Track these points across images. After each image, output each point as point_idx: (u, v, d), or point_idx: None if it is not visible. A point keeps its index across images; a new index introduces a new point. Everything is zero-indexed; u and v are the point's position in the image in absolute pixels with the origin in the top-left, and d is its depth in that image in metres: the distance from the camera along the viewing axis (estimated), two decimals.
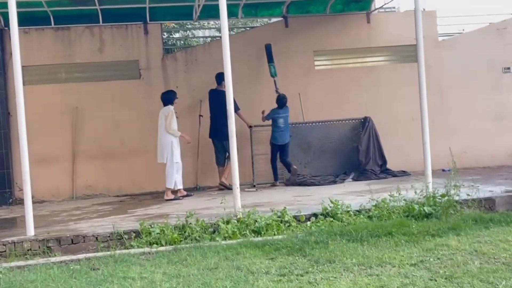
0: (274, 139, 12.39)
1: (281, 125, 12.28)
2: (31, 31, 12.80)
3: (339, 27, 13.58)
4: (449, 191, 8.39)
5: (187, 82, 13.14)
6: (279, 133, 12.32)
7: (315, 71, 13.55)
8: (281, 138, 12.34)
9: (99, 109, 12.86)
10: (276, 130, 12.33)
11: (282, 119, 12.28)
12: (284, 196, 10.81)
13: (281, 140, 12.35)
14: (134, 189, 12.91)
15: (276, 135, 12.35)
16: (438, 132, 12.32)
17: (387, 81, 13.51)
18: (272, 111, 12.31)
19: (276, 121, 12.29)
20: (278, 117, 12.28)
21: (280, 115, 12.28)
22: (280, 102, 12.31)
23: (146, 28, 13.15)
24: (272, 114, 12.30)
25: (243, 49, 12.93)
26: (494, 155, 13.45)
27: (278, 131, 12.31)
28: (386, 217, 8.07)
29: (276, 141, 12.38)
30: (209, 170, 12.98)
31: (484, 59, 13.71)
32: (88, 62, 13.07)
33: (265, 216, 8.13)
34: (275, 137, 12.37)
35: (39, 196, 12.39)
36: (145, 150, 12.89)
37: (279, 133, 12.32)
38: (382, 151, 13.00)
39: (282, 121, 12.27)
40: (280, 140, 12.35)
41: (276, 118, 12.29)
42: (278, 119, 12.28)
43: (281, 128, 12.29)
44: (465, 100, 13.58)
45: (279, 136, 12.34)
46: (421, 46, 9.46)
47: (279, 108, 12.30)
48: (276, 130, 12.33)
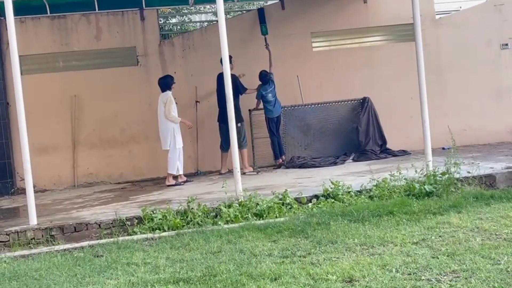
0: (269, 113, 12.47)
1: (271, 99, 12.40)
2: (27, 20, 12.75)
3: (336, 8, 13.52)
4: (449, 169, 8.41)
5: (184, 67, 13.13)
6: (271, 106, 12.45)
7: (313, 52, 13.52)
8: (276, 110, 12.48)
9: (97, 97, 12.85)
10: (268, 105, 12.44)
11: (270, 94, 12.40)
12: (285, 178, 10.83)
13: (276, 112, 12.49)
14: (135, 175, 12.94)
15: (270, 109, 12.46)
16: (437, 110, 12.32)
17: (386, 61, 13.48)
18: (259, 90, 12.45)
19: (265, 97, 12.40)
20: (266, 93, 12.38)
21: (267, 91, 12.37)
22: (263, 79, 12.43)
23: (142, 14, 13.10)
24: (260, 93, 12.44)
25: (240, 32, 12.90)
26: (494, 132, 13.45)
27: (270, 105, 12.44)
28: (387, 197, 8.10)
29: (271, 114, 12.47)
30: (209, 155, 13.00)
31: (482, 36, 13.67)
32: (85, 50, 13.04)
33: (267, 199, 8.15)
34: (269, 111, 12.47)
35: (41, 185, 12.43)
36: (145, 136, 12.93)
37: (271, 106, 12.45)
38: (381, 131, 13.00)
39: (270, 96, 12.39)
40: (275, 112, 12.48)
41: (264, 95, 12.40)
42: (267, 95, 12.39)
43: (271, 102, 12.41)
44: (463, 78, 13.56)
45: (273, 109, 12.47)
46: (418, 25, 9.44)
47: (264, 84, 12.40)
48: (268, 105, 12.44)
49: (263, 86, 12.41)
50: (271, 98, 12.40)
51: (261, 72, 12.42)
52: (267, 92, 12.37)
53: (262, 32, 12.91)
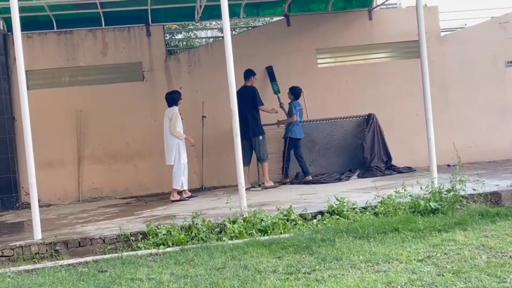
0: (293, 133, 12.24)
1: (298, 118, 12.23)
2: (34, 36, 12.83)
3: (341, 25, 13.58)
4: (454, 186, 8.38)
5: (190, 83, 13.16)
6: (297, 126, 12.25)
7: (318, 69, 13.55)
8: (300, 131, 12.29)
9: (103, 112, 12.89)
10: (294, 124, 12.23)
11: (299, 112, 12.26)
12: (289, 194, 10.82)
13: (300, 133, 12.28)
14: (140, 190, 12.94)
15: (295, 129, 12.24)
16: (442, 127, 12.33)
17: (391, 77, 13.50)
18: (292, 104, 12.27)
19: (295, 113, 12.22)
20: (296, 110, 12.25)
21: (296, 108, 12.25)
22: (295, 93, 12.28)
23: (148, 30, 13.17)
24: (291, 108, 12.25)
25: (245, 48, 12.95)
26: (499, 149, 13.43)
27: (296, 124, 12.23)
28: (392, 214, 8.08)
29: (295, 135, 12.24)
30: (214, 171, 13.01)
31: (487, 53, 13.70)
32: (91, 65, 13.09)
33: (271, 215, 8.14)
34: (294, 131, 12.24)
35: (46, 199, 12.45)
36: (150, 151, 12.95)
37: (297, 126, 12.25)
38: (386, 147, 13.00)
39: (298, 114, 12.23)
40: (299, 133, 12.26)
41: (294, 112, 12.25)
42: (296, 113, 12.24)
43: (297, 121, 12.24)
44: (469, 95, 13.57)
45: (298, 130, 12.27)
46: (424, 42, 9.46)
47: (296, 99, 12.31)
48: (294, 124, 12.23)
49: (295, 102, 12.28)
50: (299, 117, 12.22)
51: (292, 87, 12.34)
52: (296, 109, 12.22)
53: (274, 91, 12.82)
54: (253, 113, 11.88)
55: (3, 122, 12.49)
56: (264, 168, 12.10)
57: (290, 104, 12.30)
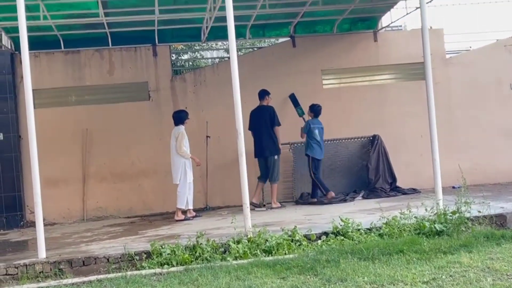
0: (312, 151, 12.16)
1: (317, 137, 12.14)
2: (41, 55, 12.92)
3: (346, 46, 13.66)
4: (459, 208, 8.36)
5: (195, 103, 13.22)
6: (317, 145, 12.16)
7: (323, 90, 13.59)
8: (319, 152, 12.16)
9: (109, 131, 12.94)
10: (313, 142, 12.15)
11: (317, 130, 12.17)
12: (294, 215, 10.80)
13: (318, 154, 12.15)
14: (144, 210, 12.94)
15: (315, 148, 12.15)
16: (447, 149, 12.32)
17: (396, 99, 13.54)
18: (308, 122, 12.27)
19: (311, 133, 12.17)
20: (313, 127, 12.19)
21: (314, 125, 12.20)
22: (315, 110, 12.27)
23: (155, 50, 13.26)
24: (308, 125, 12.22)
25: (251, 68, 13.02)
26: (504, 171, 13.41)
27: (315, 142, 12.15)
28: (397, 235, 8.06)
29: (313, 154, 12.15)
30: (218, 190, 13.02)
31: (492, 75, 13.73)
32: (98, 84, 13.17)
33: (276, 235, 8.13)
34: (313, 150, 12.15)
35: (50, 218, 12.44)
36: (155, 171, 12.97)
37: (317, 145, 12.16)
38: (391, 169, 13.00)
39: (317, 133, 12.15)
40: (318, 154, 12.15)
41: (311, 128, 12.19)
42: (314, 130, 12.17)
43: (319, 142, 12.16)
44: (474, 117, 13.59)
45: (317, 149, 12.16)
46: (429, 64, 9.49)
47: (316, 116, 12.28)
48: (313, 142, 12.15)
49: (314, 120, 12.25)
50: (317, 136, 12.12)
51: (312, 104, 12.35)
52: (314, 126, 12.13)
53: (299, 114, 12.81)
54: (271, 132, 11.98)
55: (9, 140, 12.54)
56: (273, 189, 12.11)
57: (307, 122, 12.30)
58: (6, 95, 12.57)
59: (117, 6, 11.42)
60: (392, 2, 12.93)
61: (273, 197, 12.09)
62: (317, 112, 12.33)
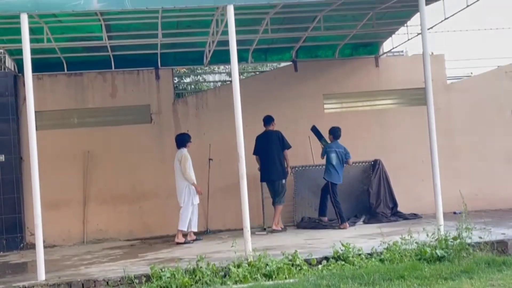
0: (329, 176, 11.99)
1: (333, 161, 11.96)
2: (44, 77, 12.99)
3: (348, 71, 13.72)
4: (461, 233, 8.34)
5: (197, 126, 13.25)
6: (333, 169, 11.96)
7: (325, 114, 13.63)
8: (336, 176, 11.98)
9: (110, 153, 12.97)
10: (330, 166, 11.99)
11: (334, 154, 11.99)
12: (295, 239, 10.77)
13: (335, 178, 11.96)
14: (145, 232, 12.90)
15: (332, 172, 11.97)
16: (448, 174, 12.29)
17: (397, 124, 13.57)
18: (326, 146, 12.16)
19: (328, 156, 12.04)
20: (330, 150, 12.05)
21: (331, 148, 12.06)
22: (335, 133, 12.11)
23: (157, 73, 13.33)
24: (325, 149, 12.11)
25: (253, 92, 13.07)
26: (505, 197, 13.38)
27: (331, 166, 11.98)
28: (398, 260, 8.02)
29: (330, 178, 11.98)
30: (219, 214, 12.99)
31: (493, 101, 13.76)
32: (100, 107, 13.23)
33: (276, 259, 8.10)
34: (331, 174, 11.99)
35: (50, 240, 12.40)
36: (156, 193, 12.97)
37: (333, 169, 11.96)
38: (392, 193, 12.98)
39: (334, 157, 11.97)
40: (335, 178, 11.96)
41: (328, 151, 12.06)
42: (331, 153, 12.03)
43: (335, 166, 11.96)
44: (475, 143, 13.59)
45: (335, 174, 11.96)
46: (430, 89, 9.52)
47: (336, 139, 12.14)
48: (330, 166, 11.99)
49: (332, 143, 12.11)
50: (334, 160, 11.94)
51: (332, 127, 12.23)
52: (331, 149, 11.99)
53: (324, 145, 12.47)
54: (280, 155, 12.03)
55: (10, 162, 12.57)
56: (277, 211, 12.07)
57: (325, 147, 12.20)
58: (8, 116, 12.62)
59: (120, 29, 11.50)
60: (393, 28, 13.02)
61: (275, 219, 12.05)
62: (335, 134, 12.17)
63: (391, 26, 12.81)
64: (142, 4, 9.09)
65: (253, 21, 11.53)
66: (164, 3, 9.12)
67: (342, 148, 12.10)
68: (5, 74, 12.99)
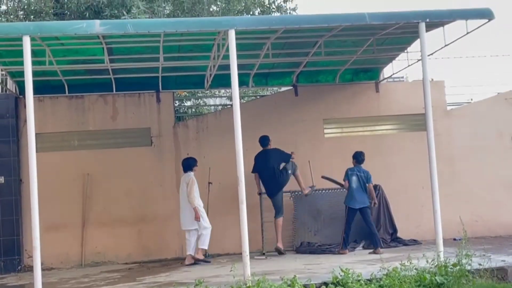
0: (348, 200, 11.98)
1: (353, 184, 11.90)
2: (46, 99, 13.02)
3: (348, 96, 13.76)
4: (460, 260, 8.31)
5: (197, 149, 13.25)
6: (352, 193, 11.90)
7: (325, 139, 13.65)
8: (356, 200, 11.88)
9: (110, 176, 12.95)
10: (349, 190, 11.96)
11: (355, 177, 11.94)
12: (294, 264, 10.72)
13: (357, 202, 11.87)
14: (143, 256, 12.84)
15: (349, 195, 11.96)
16: (448, 200, 12.29)
17: (397, 149, 13.58)
18: (347, 170, 12.10)
19: (349, 180, 12.01)
20: (352, 173, 12.01)
21: (353, 171, 12.01)
22: (358, 158, 12.08)
23: (158, 96, 13.36)
24: (347, 173, 12.07)
25: (253, 116, 13.11)
26: (506, 224, 13.34)
27: (351, 190, 11.91)
28: (397, 287, 7.97)
29: (349, 203, 11.94)
30: (218, 237, 12.90)
31: (493, 128, 13.79)
32: (100, 129, 13.23)
33: (275, 284, 8.05)
34: (348, 197, 11.99)
35: (48, 263, 12.35)
36: (155, 217, 12.94)
37: (352, 193, 11.90)
38: (392, 219, 12.95)
39: (355, 179, 11.93)
40: (355, 202, 11.87)
41: (350, 176, 12.02)
42: (351, 177, 11.98)
43: (355, 189, 11.89)
44: (475, 169, 13.59)
45: (353, 197, 11.89)
46: (430, 115, 9.54)
47: (359, 163, 12.09)
48: (349, 190, 11.96)
49: (354, 167, 12.07)
50: (354, 183, 11.90)
51: (355, 152, 12.21)
52: (353, 172, 11.93)
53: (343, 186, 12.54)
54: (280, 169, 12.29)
55: (10, 184, 12.55)
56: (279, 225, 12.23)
57: (347, 170, 12.14)
58: (9, 138, 12.64)
59: (122, 52, 11.57)
60: (394, 54, 13.09)
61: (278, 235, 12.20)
62: (357, 159, 12.13)
63: (392, 52, 12.88)
64: (144, 28, 9.18)
65: (254, 45, 11.60)
66: (166, 27, 9.21)
67: (364, 172, 12.06)
68: (6, 96, 13.03)
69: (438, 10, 9.83)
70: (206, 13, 15.33)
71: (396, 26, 10.40)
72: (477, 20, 9.85)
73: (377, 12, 9.61)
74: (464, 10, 9.77)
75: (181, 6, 15.21)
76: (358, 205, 11.90)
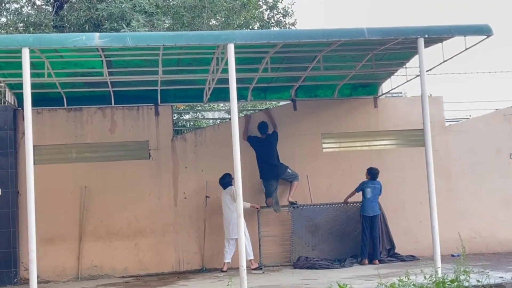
0: (363, 209, 12.59)
1: (368, 195, 12.55)
2: (44, 112, 13.01)
3: (346, 111, 13.77)
4: (458, 276, 8.29)
5: (195, 163, 13.23)
6: (367, 203, 12.56)
7: (323, 153, 13.63)
8: (370, 208, 12.55)
9: (107, 189, 12.92)
10: (364, 200, 12.59)
11: (369, 189, 12.57)
12: (291, 279, 10.68)
13: (371, 210, 12.53)
14: (140, 269, 12.78)
15: (364, 205, 12.59)
16: (446, 216, 12.29)
17: (395, 165, 13.57)
18: (362, 183, 12.67)
19: (364, 191, 12.59)
20: (366, 186, 12.59)
21: (367, 184, 12.60)
22: (372, 174, 12.71)
23: (157, 109, 13.35)
24: (361, 185, 12.65)
25: (251, 129, 13.11)
26: (504, 240, 13.34)
27: (366, 201, 12.56)
28: None
29: (364, 211, 12.55)
30: (216, 252, 12.89)
31: (491, 144, 13.80)
32: (98, 142, 13.20)
33: None
34: (363, 207, 12.60)
35: (44, 276, 12.29)
36: (152, 230, 12.90)
37: (367, 203, 12.56)
38: (390, 235, 12.93)
39: (369, 191, 12.56)
40: (370, 210, 12.53)
41: (364, 188, 12.58)
42: (366, 189, 12.58)
43: (369, 199, 12.53)
44: (473, 185, 13.58)
45: (368, 206, 12.55)
46: (428, 131, 9.55)
47: (373, 179, 12.69)
48: (364, 200, 12.59)
49: (369, 181, 12.68)
50: (369, 194, 12.56)
51: (370, 168, 12.77)
52: (367, 185, 12.61)
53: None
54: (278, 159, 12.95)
55: (7, 196, 12.51)
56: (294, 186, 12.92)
57: (361, 183, 12.69)
58: (6, 150, 12.62)
59: (121, 65, 11.58)
60: (392, 69, 13.11)
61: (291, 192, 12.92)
62: (372, 175, 12.73)
63: (390, 67, 12.90)
64: (143, 41, 9.20)
65: (253, 59, 11.63)
66: (165, 41, 9.23)
67: (379, 184, 12.71)
68: (4, 108, 13.03)
69: (437, 26, 9.86)
70: (206, 27, 15.40)
71: (395, 41, 10.43)
72: (476, 36, 9.89)
73: (376, 27, 9.66)
74: (463, 26, 9.80)
75: (180, 20, 15.28)
76: (372, 213, 12.50)
